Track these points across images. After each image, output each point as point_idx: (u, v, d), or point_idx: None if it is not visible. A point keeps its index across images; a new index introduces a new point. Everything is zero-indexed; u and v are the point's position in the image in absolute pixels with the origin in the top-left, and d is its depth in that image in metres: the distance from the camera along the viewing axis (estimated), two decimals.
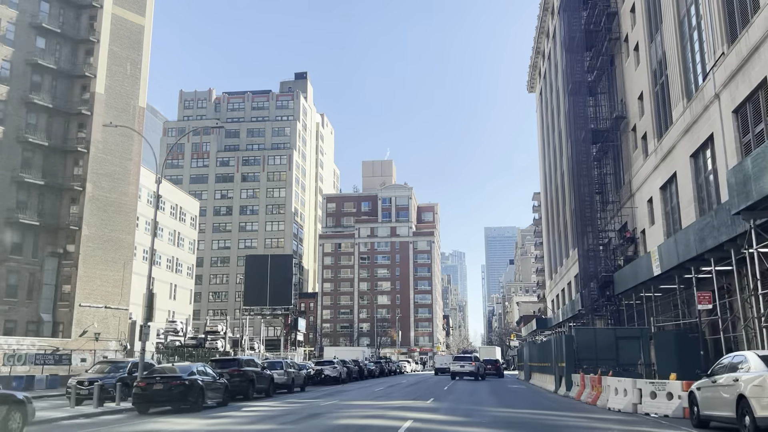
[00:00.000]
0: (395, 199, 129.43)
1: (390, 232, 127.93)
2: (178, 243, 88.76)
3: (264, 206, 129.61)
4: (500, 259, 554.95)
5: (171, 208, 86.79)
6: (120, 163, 60.43)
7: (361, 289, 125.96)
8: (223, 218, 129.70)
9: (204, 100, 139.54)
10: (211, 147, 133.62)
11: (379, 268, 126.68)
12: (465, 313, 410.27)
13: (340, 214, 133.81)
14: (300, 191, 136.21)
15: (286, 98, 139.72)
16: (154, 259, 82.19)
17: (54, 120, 57.90)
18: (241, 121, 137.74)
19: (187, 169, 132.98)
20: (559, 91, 67.78)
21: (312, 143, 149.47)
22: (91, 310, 56.32)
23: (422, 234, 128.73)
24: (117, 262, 59.15)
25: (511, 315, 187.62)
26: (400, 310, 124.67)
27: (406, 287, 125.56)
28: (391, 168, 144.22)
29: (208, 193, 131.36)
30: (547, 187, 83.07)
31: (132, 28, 62.90)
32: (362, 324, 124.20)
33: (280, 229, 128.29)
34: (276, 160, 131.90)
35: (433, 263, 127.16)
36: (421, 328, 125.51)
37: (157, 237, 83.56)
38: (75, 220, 56.76)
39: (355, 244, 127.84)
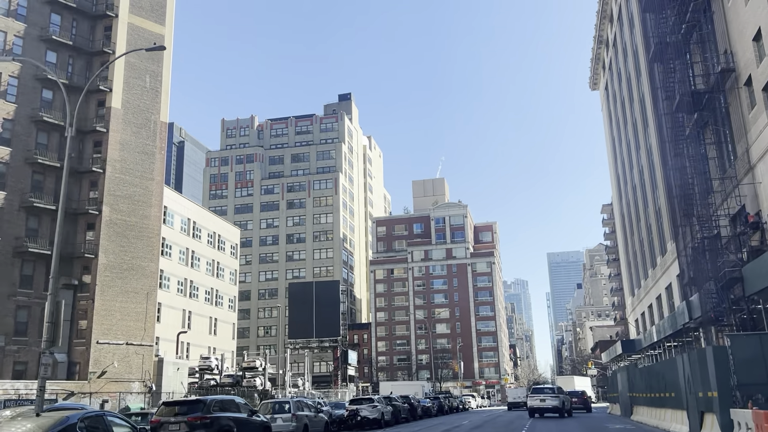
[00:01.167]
0: (449, 218, 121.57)
1: (445, 255, 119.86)
2: (218, 273, 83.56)
3: (311, 233, 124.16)
4: (566, 285, 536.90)
5: (208, 237, 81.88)
6: (140, 184, 55.51)
7: (418, 318, 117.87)
8: (270, 248, 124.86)
9: (246, 128, 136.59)
10: (254, 175, 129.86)
11: (435, 294, 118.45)
12: (532, 343, 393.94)
13: (391, 237, 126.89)
14: (348, 216, 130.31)
15: (330, 120, 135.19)
16: (190, 291, 77.18)
17: (67, 139, 53.49)
18: (285, 147, 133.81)
19: (232, 199, 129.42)
20: (630, 76, 59.87)
21: (359, 166, 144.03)
22: (110, 348, 50.81)
23: (481, 255, 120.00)
24: (139, 293, 53.72)
25: (584, 342, 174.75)
26: (462, 340, 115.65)
27: (467, 314, 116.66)
28: (443, 186, 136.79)
29: (253, 222, 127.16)
30: (621, 192, 74.06)
31: (151, 38, 58.64)
32: (421, 356, 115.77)
33: (328, 256, 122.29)
34: (322, 185, 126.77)
35: (495, 286, 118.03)
36: (485, 358, 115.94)
37: (193, 267, 78.84)
38: (91, 247, 51.80)
39: (409, 269, 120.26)
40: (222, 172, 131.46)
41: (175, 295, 72.66)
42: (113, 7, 56.53)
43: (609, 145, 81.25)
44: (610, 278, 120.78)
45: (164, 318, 69.84)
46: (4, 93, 50.28)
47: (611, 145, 79.39)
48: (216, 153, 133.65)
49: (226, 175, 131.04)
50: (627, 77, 61.84)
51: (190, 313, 75.84)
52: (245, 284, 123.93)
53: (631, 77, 58.93)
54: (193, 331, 76.48)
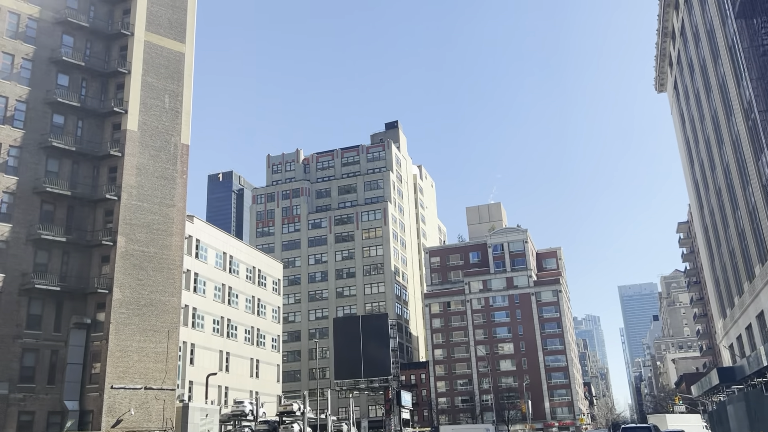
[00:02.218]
0: (508, 245, 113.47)
1: (506, 284, 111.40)
2: (258, 311, 78.47)
3: (361, 267, 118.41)
4: (640, 319, 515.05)
5: (247, 272, 77.15)
6: (159, 211, 51.18)
7: (480, 354, 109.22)
8: (318, 285, 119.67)
9: (292, 162, 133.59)
10: (301, 210, 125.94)
11: (497, 328, 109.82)
12: (608, 381, 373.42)
13: (445, 268, 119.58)
14: (399, 248, 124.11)
15: (377, 149, 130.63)
16: (228, 330, 72.15)
17: (80, 166, 50.07)
18: (332, 179, 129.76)
19: (278, 235, 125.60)
20: (705, 61, 52.43)
21: (409, 196, 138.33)
22: (127, 393, 45.70)
23: (545, 283, 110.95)
24: (159, 331, 48.76)
25: (665, 376, 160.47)
26: (529, 377, 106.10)
27: (533, 348, 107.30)
28: (500, 212, 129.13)
29: (301, 259, 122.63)
30: (702, 200, 65.38)
31: (170, 56, 55.23)
32: (485, 396, 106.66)
33: (380, 291, 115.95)
34: (370, 216, 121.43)
35: (563, 317, 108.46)
36: (556, 397, 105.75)
37: (230, 304, 73.99)
38: (106, 282, 47.41)
39: (467, 301, 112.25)
40: (268, 208, 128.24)
41: (211, 335, 67.76)
42: (129, 26, 53.46)
43: (683, 149, 72.81)
44: (692, 303, 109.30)
45: (198, 360, 64.88)
46: (10, 119, 47.21)
47: (686, 148, 71.00)
48: (262, 189, 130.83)
49: (273, 212, 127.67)
50: (701, 64, 54.31)
51: (227, 355, 70.67)
52: (294, 324, 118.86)
53: (707, 62, 51.50)
54: (232, 374, 71.13)
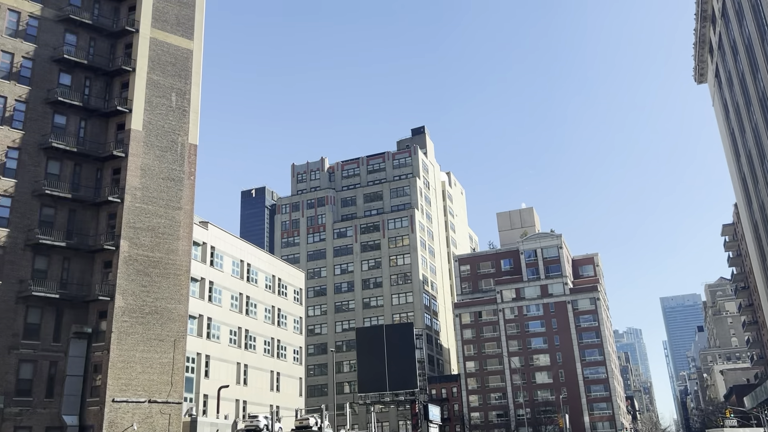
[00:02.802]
0: (541, 251, 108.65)
1: (540, 292, 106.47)
2: (279, 321, 75.60)
3: (388, 277, 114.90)
4: (684, 331, 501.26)
5: (266, 281, 74.39)
6: (165, 214, 48.69)
7: (514, 366, 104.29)
8: (345, 295, 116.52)
9: (317, 171, 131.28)
10: (326, 219, 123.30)
11: (532, 338, 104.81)
12: (652, 395, 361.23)
13: (476, 277, 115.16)
14: (428, 257, 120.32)
15: (403, 155, 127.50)
16: (246, 341, 69.33)
17: (82, 168, 47.98)
18: (357, 187, 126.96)
19: (304, 245, 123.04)
20: (750, 40, 48.30)
21: (438, 203, 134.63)
22: (129, 407, 43.00)
23: (582, 290, 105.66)
24: (165, 341, 46.07)
25: (713, 389, 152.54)
26: (567, 390, 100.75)
27: (571, 359, 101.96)
28: (532, 217, 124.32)
29: (326, 269, 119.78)
30: (750, 195, 60.60)
31: (177, 53, 53.09)
32: (520, 410, 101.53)
33: (408, 301, 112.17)
34: (396, 224, 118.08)
35: (602, 325, 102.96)
36: (596, 410, 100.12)
37: (248, 314, 71.18)
38: (108, 288, 44.99)
39: (499, 311, 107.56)
40: (293, 218, 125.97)
41: (227, 347, 65.02)
42: (134, 22, 51.51)
43: (727, 141, 67.97)
44: (740, 310, 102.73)
45: (213, 372, 62.12)
46: (9, 119, 45.38)
47: (730, 140, 66.19)
48: (286, 199, 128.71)
49: (298, 222, 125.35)
50: (746, 44, 50.09)
51: (245, 367, 67.81)
52: (320, 336, 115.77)
53: (753, 41, 47.35)
54: (251, 387, 68.22)
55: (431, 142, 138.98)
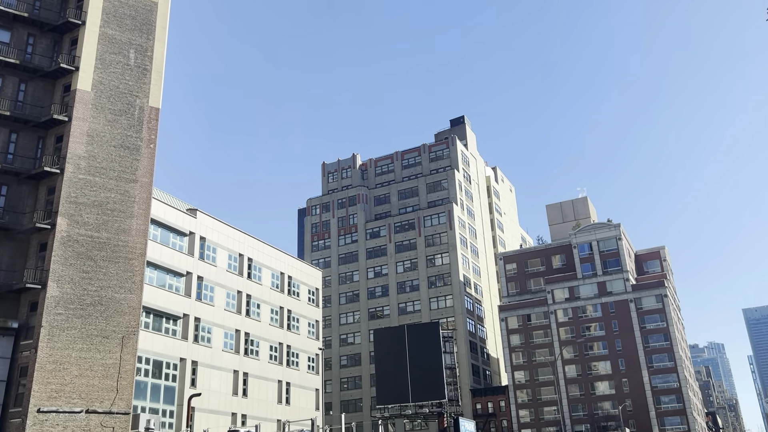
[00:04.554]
0: (597, 244, 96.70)
1: (597, 291, 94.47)
2: (289, 325, 67.41)
3: (425, 278, 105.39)
4: None
5: (273, 278, 66.49)
6: (116, 187, 41.28)
7: (569, 376, 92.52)
8: (379, 300, 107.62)
9: (348, 169, 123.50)
10: (358, 218, 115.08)
11: (589, 343, 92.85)
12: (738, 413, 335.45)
13: (524, 276, 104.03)
14: (470, 256, 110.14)
15: (440, 147, 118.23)
16: (246, 346, 61.27)
17: (19, 136, 41.26)
18: (391, 184, 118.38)
19: (335, 248, 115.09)
20: None
21: (482, 199, 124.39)
22: (60, 419, 35.35)
23: (646, 287, 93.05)
24: (110, 338, 38.36)
25: None
26: (632, 402, 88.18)
27: (636, 366, 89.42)
28: (587, 207, 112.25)
29: (359, 273, 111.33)
30: None
31: (138, 5, 46.08)
32: (578, 426, 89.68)
33: (447, 305, 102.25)
34: (433, 220, 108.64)
35: (672, 326, 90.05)
36: (669, 425, 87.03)
37: (249, 315, 63.12)
38: (41, 274, 37.78)
39: (550, 313, 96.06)
40: (323, 219, 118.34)
41: (221, 352, 57.20)
42: None
43: None
44: None
45: (203, 381, 54.31)
46: None
47: None
48: (316, 199, 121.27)
49: (328, 223, 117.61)
50: None
51: (245, 375, 59.78)
52: (354, 346, 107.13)
53: None
54: (252, 399, 60.07)
55: (472, 133, 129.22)
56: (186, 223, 56.35)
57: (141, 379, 48.38)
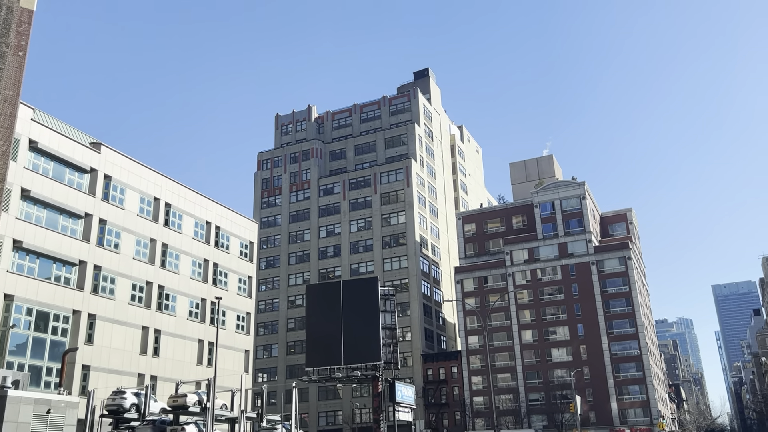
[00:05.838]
0: (560, 203, 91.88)
1: (558, 253, 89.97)
2: (216, 280, 61.47)
3: (380, 238, 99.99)
4: (738, 321, 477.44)
5: (196, 227, 60.28)
6: None
7: (526, 342, 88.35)
8: (331, 261, 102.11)
9: (303, 121, 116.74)
10: (311, 174, 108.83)
11: (548, 307, 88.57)
12: (703, 386, 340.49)
13: (483, 237, 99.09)
14: (428, 216, 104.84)
15: (401, 100, 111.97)
16: (159, 301, 55.12)
17: None
18: (348, 138, 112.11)
19: (286, 205, 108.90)
20: None
21: (444, 159, 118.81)
22: None
23: (609, 249, 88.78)
24: None
25: None
26: (590, 370, 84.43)
27: (595, 332, 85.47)
28: (551, 166, 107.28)
29: (311, 232, 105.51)
30: None
31: None
32: (533, 394, 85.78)
33: (402, 266, 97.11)
34: (390, 177, 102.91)
35: (635, 291, 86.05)
36: (627, 395, 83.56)
37: (165, 267, 56.85)
38: None
39: (508, 275, 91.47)
40: (274, 174, 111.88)
41: (127, 305, 51.11)
42: None
43: None
44: None
45: (102, 338, 48.36)
46: None
47: None
48: (267, 153, 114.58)
49: (279, 178, 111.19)
50: None
51: (157, 333, 53.92)
52: (302, 308, 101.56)
53: None
54: (165, 359, 54.33)
55: (437, 87, 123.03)
56: (87, 158, 49.77)
57: (19, 332, 42.35)
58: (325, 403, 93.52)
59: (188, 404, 36.73)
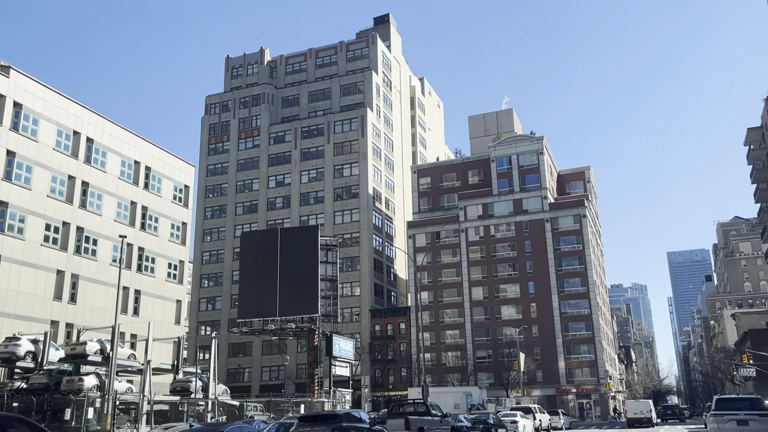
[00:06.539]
0: (517, 158, 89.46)
1: (513, 209, 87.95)
2: (145, 224, 57.46)
3: (331, 190, 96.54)
4: (690, 288, 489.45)
5: (123, 166, 56.03)
6: None
7: (476, 299, 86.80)
8: (279, 212, 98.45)
9: (255, 65, 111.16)
10: (262, 121, 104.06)
11: (499, 265, 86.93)
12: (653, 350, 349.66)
13: (438, 192, 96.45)
14: (383, 169, 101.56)
15: (360, 45, 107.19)
16: (76, 243, 50.49)
17: None
18: (302, 84, 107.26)
19: (234, 153, 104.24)
20: None
21: (403, 110, 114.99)
22: None
23: (565, 206, 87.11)
24: None
25: (721, 337, 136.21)
26: (539, 328, 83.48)
27: (546, 290, 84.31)
28: (511, 121, 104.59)
29: (259, 181, 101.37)
30: None
31: None
32: (480, 352, 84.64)
33: (353, 220, 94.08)
34: (345, 126, 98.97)
35: (588, 250, 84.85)
36: (575, 354, 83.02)
37: (86, 207, 52.05)
38: None
39: (461, 231, 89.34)
40: (223, 120, 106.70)
41: (40, 246, 46.97)
42: None
43: None
44: (763, 235, 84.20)
45: (6, 280, 44.28)
46: None
47: None
48: (216, 97, 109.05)
49: (228, 124, 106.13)
50: None
51: (75, 278, 50.01)
52: None
53: None
54: (84, 306, 50.59)
55: (398, 35, 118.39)
56: None
57: None
58: (269, 357, 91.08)
59: (88, 353, 33.37)
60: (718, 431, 21.09)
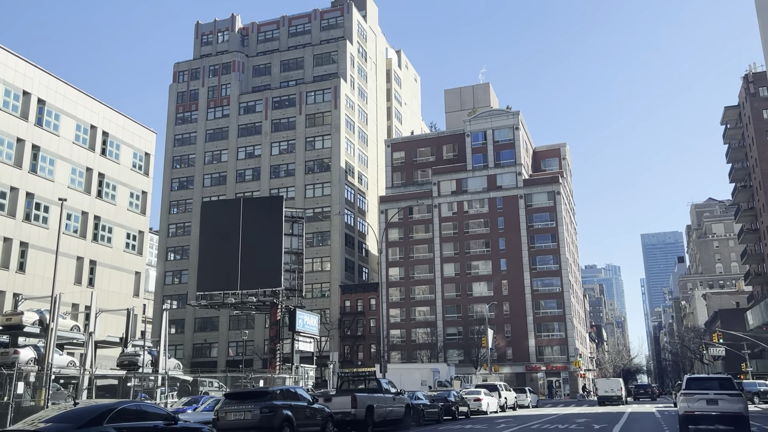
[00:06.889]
0: (492, 133, 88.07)
1: (487, 185, 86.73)
2: (101, 192, 55.07)
3: (302, 162, 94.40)
4: (662, 269, 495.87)
5: (78, 131, 53.41)
6: None
7: (447, 275, 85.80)
8: (249, 185, 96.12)
9: (225, 32, 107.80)
10: (232, 90, 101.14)
11: (472, 241, 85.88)
12: (625, 330, 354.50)
13: (412, 166, 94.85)
14: (356, 142, 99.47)
15: (335, 14, 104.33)
16: (25, 209, 47.90)
17: None
18: (275, 53, 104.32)
19: (202, 122, 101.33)
20: None
21: (379, 83, 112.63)
22: None
23: (539, 182, 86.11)
24: None
25: (692, 317, 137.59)
26: (510, 306, 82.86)
27: (518, 268, 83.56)
28: (488, 95, 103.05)
29: (228, 152, 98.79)
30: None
31: None
32: (450, 328, 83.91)
33: (325, 194, 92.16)
34: (317, 97, 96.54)
35: (561, 227, 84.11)
36: (546, 332, 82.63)
37: (35, 171, 49.10)
38: None
39: (434, 206, 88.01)
40: (192, 88, 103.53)
41: None
42: None
43: None
44: (737, 216, 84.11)
45: None
46: None
47: None
48: (185, 64, 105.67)
49: (197, 92, 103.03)
50: None
51: (24, 246, 47.66)
52: None
53: None
54: (34, 275, 48.27)
55: (375, 5, 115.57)
56: None
57: None
58: (235, 332, 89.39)
59: (24, 323, 31.37)
60: (687, 410, 20.72)
